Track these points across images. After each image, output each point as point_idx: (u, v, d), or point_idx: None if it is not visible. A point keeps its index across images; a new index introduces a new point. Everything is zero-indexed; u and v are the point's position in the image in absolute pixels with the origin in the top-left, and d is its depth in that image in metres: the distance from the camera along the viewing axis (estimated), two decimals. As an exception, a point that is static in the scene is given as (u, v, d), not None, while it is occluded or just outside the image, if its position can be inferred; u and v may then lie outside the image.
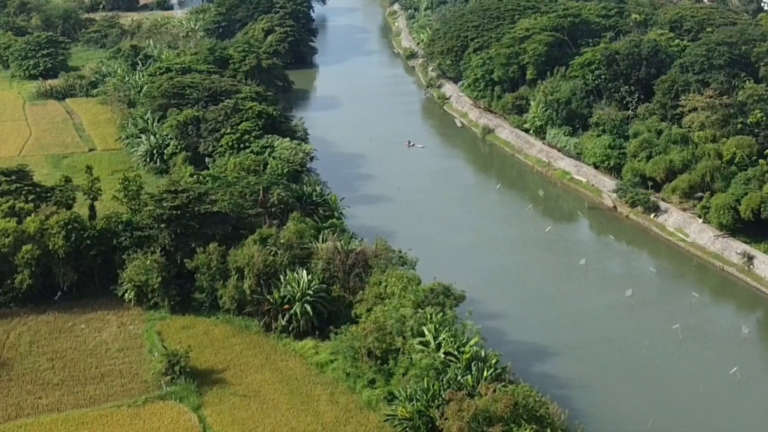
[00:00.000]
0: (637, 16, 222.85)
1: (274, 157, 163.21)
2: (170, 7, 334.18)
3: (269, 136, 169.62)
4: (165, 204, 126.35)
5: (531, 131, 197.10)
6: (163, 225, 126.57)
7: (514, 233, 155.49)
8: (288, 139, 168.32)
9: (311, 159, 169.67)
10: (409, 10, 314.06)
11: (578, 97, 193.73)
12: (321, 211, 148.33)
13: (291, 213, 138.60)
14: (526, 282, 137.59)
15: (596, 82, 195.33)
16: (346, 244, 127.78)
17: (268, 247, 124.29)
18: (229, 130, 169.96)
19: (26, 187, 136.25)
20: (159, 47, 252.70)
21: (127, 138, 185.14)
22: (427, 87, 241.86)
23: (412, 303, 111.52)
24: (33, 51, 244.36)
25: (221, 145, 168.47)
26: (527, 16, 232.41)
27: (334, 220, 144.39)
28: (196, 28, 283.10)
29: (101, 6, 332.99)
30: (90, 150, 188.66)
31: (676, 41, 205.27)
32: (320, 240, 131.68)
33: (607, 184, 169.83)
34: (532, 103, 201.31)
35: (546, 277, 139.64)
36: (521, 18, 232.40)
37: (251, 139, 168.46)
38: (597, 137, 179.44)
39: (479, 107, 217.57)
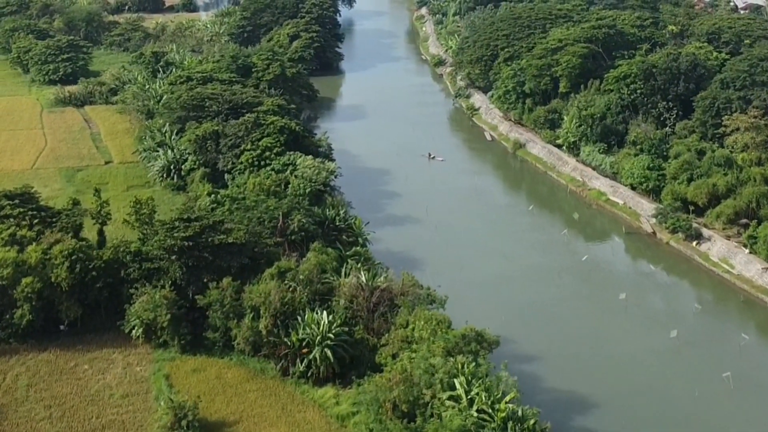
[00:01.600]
0: (673, 27, 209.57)
1: (296, 176, 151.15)
2: (195, 9, 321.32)
3: (291, 153, 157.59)
4: (176, 234, 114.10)
5: (564, 147, 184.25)
6: (173, 257, 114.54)
7: (549, 261, 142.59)
8: (311, 156, 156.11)
9: (335, 176, 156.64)
10: (437, 15, 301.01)
11: (613, 112, 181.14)
12: (344, 237, 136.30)
13: (312, 242, 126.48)
14: (563, 319, 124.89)
15: (632, 96, 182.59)
16: (371, 279, 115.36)
17: (286, 282, 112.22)
18: (249, 147, 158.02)
19: (30, 212, 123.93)
20: (182, 52, 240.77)
21: (145, 151, 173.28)
22: (456, 97, 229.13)
23: (441, 350, 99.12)
24: (53, 55, 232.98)
25: (241, 162, 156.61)
26: (559, 26, 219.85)
27: (359, 248, 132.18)
28: (221, 32, 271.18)
29: (126, 7, 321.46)
30: (106, 163, 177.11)
31: (715, 54, 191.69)
32: (343, 271, 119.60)
33: (645, 207, 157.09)
34: (565, 117, 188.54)
35: (584, 313, 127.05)
36: (553, 27, 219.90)
37: (272, 156, 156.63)
38: (634, 156, 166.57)
39: (509, 120, 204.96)
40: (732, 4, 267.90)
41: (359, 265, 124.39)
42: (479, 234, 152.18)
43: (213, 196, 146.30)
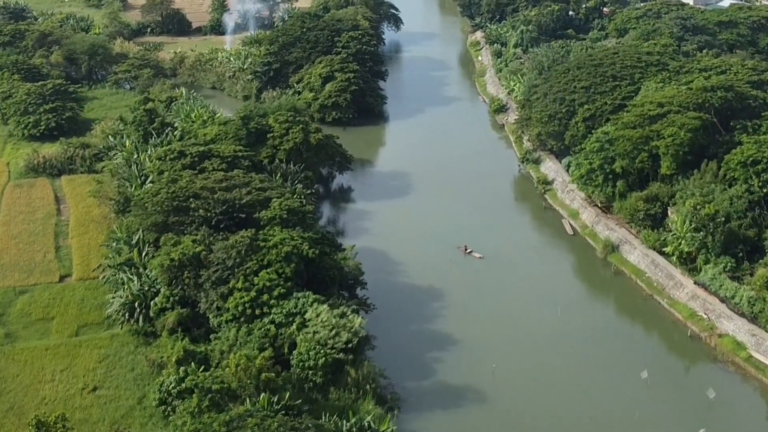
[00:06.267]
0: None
1: (305, 336, 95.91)
2: (225, 32, 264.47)
3: (300, 294, 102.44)
4: None
5: (675, 258, 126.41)
6: None
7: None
8: (326, 307, 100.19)
9: (363, 334, 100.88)
10: (495, 45, 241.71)
11: (738, 209, 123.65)
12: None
13: None
14: None
15: (765, 190, 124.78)
16: None
17: None
18: (241, 284, 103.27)
19: None
20: (193, 98, 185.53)
21: (109, 267, 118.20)
22: (522, 162, 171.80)
23: None
24: (34, 104, 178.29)
25: (228, 309, 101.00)
26: (650, 76, 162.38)
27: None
28: (245, 67, 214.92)
29: (149, 29, 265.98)
30: (62, 278, 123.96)
31: None
32: None
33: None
34: (670, 213, 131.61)
35: None
36: (643, 78, 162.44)
37: (272, 301, 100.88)
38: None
39: (595, 205, 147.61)
40: None
41: None
42: (573, 428, 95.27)
43: (183, 369, 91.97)
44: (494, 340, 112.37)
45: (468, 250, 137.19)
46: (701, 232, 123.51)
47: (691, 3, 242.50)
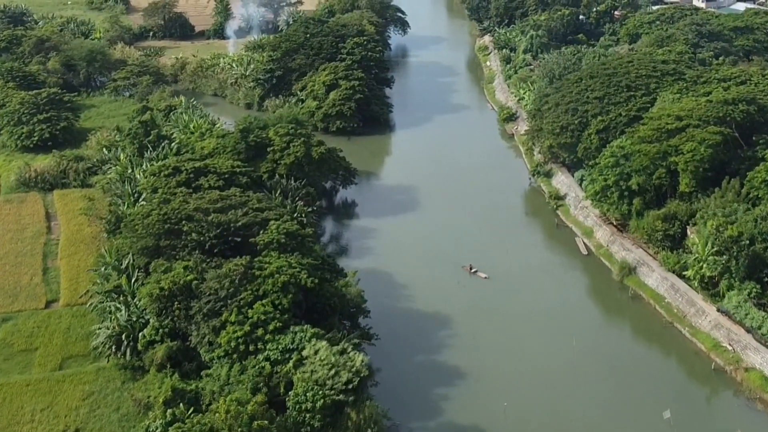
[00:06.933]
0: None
1: (302, 376, 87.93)
2: (229, 36, 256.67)
3: (298, 329, 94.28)
4: None
5: (696, 282, 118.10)
6: None
7: None
8: (325, 343, 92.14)
9: (365, 373, 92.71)
10: (504, 50, 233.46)
11: (763, 231, 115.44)
12: None
13: None
14: None
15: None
16: None
17: None
18: (234, 317, 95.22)
19: None
20: (192, 108, 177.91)
21: (97, 294, 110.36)
22: (533, 174, 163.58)
23: None
24: (28, 114, 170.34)
25: (219, 344, 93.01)
26: (666, 86, 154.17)
27: None
28: (247, 74, 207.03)
29: (151, 34, 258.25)
30: (48, 303, 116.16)
31: None
32: None
33: None
34: (690, 232, 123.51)
35: None
36: (659, 88, 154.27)
37: (267, 336, 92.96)
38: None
39: (610, 223, 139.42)
40: None
41: None
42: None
43: (170, 411, 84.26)
44: (505, 373, 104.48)
45: (473, 270, 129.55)
46: (724, 256, 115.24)
47: (704, 7, 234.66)
